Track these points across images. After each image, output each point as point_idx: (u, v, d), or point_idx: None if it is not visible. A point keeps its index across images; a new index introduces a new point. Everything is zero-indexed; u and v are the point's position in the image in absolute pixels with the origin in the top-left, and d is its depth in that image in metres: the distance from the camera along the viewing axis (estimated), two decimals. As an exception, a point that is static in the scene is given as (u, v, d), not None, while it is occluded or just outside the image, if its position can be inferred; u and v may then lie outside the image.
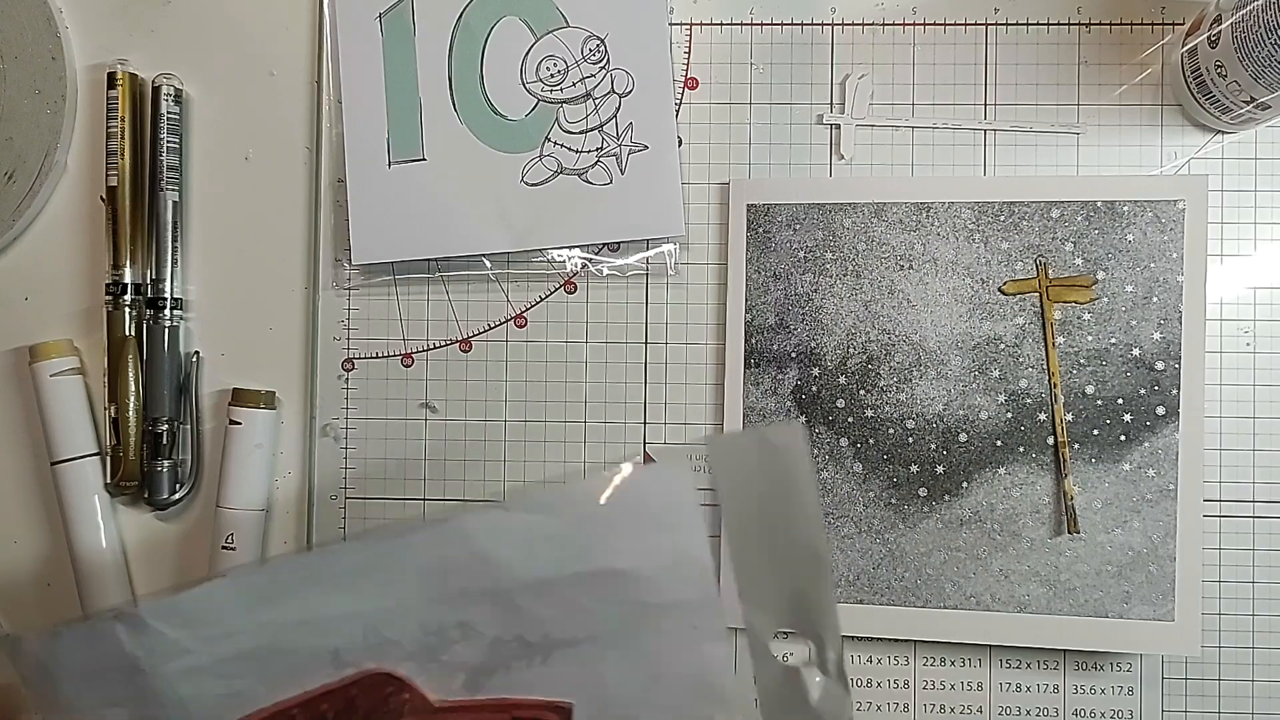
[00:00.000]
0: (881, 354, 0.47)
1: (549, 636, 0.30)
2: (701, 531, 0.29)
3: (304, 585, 0.30)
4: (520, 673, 0.31)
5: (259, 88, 0.50)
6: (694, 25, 0.49)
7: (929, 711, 0.47)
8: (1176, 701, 0.46)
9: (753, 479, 0.30)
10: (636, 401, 0.49)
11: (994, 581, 0.46)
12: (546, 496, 0.30)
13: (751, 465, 0.30)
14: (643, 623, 0.30)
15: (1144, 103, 0.47)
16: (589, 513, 0.29)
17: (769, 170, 0.48)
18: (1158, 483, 0.45)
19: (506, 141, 0.48)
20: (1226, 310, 0.46)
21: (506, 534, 0.29)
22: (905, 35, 0.48)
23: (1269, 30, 0.38)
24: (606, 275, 0.49)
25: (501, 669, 0.31)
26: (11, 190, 0.49)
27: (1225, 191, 0.46)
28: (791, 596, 0.31)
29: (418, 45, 0.48)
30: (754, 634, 0.31)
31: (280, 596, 0.30)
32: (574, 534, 0.29)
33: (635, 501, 0.29)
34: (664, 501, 0.29)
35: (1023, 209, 0.46)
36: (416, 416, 0.49)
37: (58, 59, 0.49)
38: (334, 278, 0.50)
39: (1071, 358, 0.46)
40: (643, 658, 0.30)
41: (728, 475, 0.31)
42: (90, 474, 0.49)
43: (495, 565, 0.30)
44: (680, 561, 0.29)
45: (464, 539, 0.30)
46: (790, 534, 0.30)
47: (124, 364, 0.48)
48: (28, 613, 0.51)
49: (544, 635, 0.30)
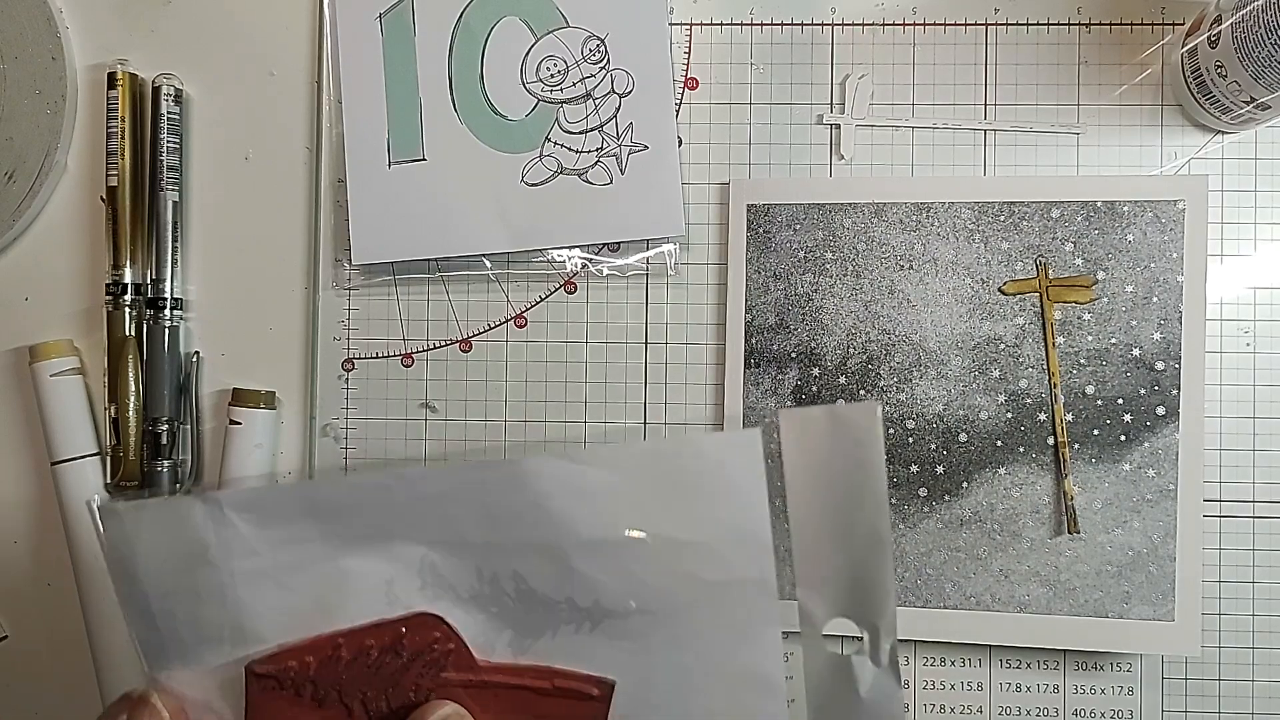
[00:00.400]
0: (881, 354, 0.47)
1: (599, 604, 0.29)
2: (764, 508, 0.28)
3: (377, 502, 0.30)
4: (566, 639, 0.30)
5: (259, 88, 0.50)
6: (694, 25, 0.49)
7: (929, 711, 0.47)
8: (1176, 701, 0.46)
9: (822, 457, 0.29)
10: (636, 401, 0.49)
11: (994, 581, 0.46)
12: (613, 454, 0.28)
13: (823, 443, 0.29)
14: (696, 599, 0.29)
15: (1144, 103, 0.47)
16: (654, 475, 0.28)
17: (769, 170, 0.48)
18: (1158, 483, 0.45)
19: (506, 141, 0.48)
20: (1226, 310, 0.46)
21: (569, 486, 0.29)
22: (905, 35, 0.48)
23: (1269, 30, 0.38)
24: (606, 275, 0.49)
25: (549, 632, 0.30)
26: (11, 190, 0.49)
27: (1225, 191, 0.46)
28: (851, 582, 0.29)
29: (418, 45, 0.48)
30: (807, 619, 0.30)
31: (352, 510, 0.30)
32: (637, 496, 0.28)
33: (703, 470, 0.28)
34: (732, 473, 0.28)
35: (1023, 209, 0.46)
36: (416, 416, 0.49)
37: (58, 59, 0.49)
38: (334, 278, 0.50)
39: (1071, 358, 0.46)
40: (693, 637, 0.29)
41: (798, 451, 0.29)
42: (90, 474, 0.49)
43: (555, 518, 0.29)
44: (742, 538, 0.28)
45: (529, 485, 0.29)
46: (855, 517, 0.29)
47: (124, 364, 0.48)
48: (28, 613, 0.51)
49: (595, 601, 0.29)
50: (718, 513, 0.29)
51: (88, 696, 0.50)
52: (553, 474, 0.29)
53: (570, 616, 0.30)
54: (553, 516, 0.29)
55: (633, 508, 0.29)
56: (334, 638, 0.30)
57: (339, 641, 0.30)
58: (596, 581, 0.29)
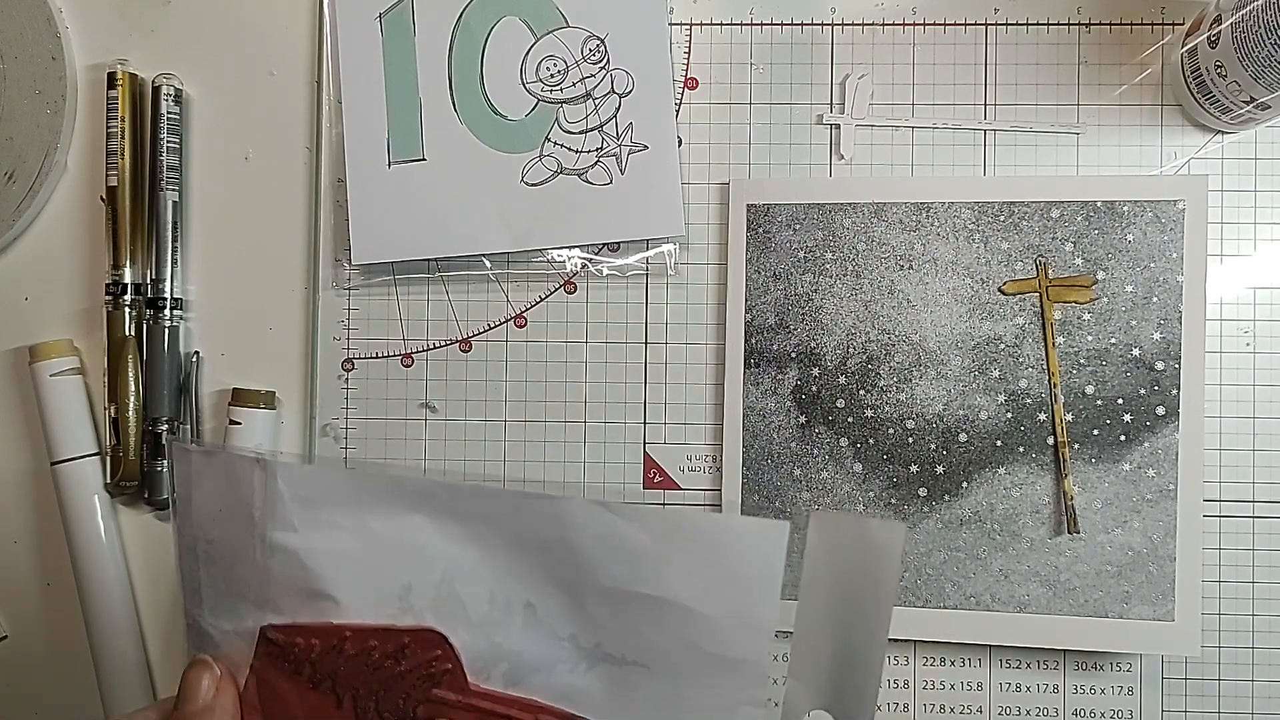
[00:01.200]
0: (881, 354, 0.47)
1: (600, 646, 0.31)
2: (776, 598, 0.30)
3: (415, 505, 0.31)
4: (560, 677, 0.31)
5: (259, 88, 0.50)
6: (694, 25, 0.49)
7: (929, 711, 0.47)
8: (1176, 701, 0.46)
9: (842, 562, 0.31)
10: (636, 401, 0.49)
11: (994, 581, 0.46)
12: (648, 514, 0.30)
13: (846, 549, 0.31)
14: (692, 666, 0.30)
15: (1144, 103, 0.47)
16: (682, 544, 0.30)
17: (769, 170, 0.48)
18: (1158, 483, 0.45)
19: (506, 141, 0.48)
20: (1226, 310, 0.46)
21: (600, 534, 0.30)
22: (905, 35, 0.48)
23: (1269, 30, 0.38)
24: (606, 275, 0.49)
25: (545, 669, 0.31)
26: (11, 190, 0.49)
27: (1225, 191, 0.46)
28: (840, 682, 0.31)
29: (418, 45, 0.48)
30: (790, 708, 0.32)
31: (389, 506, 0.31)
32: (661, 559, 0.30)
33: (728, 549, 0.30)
34: (754, 558, 0.30)
35: (1023, 209, 0.46)
36: (416, 416, 0.49)
37: (58, 59, 0.49)
38: (334, 278, 0.50)
39: (1071, 358, 0.46)
40: (680, 700, 0.31)
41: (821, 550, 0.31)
42: (90, 474, 0.49)
43: (580, 559, 0.30)
44: (749, 621, 0.30)
45: (563, 523, 0.30)
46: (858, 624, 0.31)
47: (124, 364, 0.48)
48: (28, 613, 0.51)
49: (596, 644, 0.31)
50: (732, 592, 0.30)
51: (88, 696, 0.50)
52: (587, 518, 0.30)
53: (570, 654, 0.31)
54: (578, 557, 0.30)
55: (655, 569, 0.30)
56: (342, 629, 0.31)
57: (346, 635, 0.31)
58: (604, 626, 0.31)
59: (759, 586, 0.29)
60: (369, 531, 0.31)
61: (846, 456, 0.46)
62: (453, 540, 0.31)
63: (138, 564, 0.50)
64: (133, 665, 0.49)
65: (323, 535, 0.31)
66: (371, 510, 0.31)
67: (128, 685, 0.49)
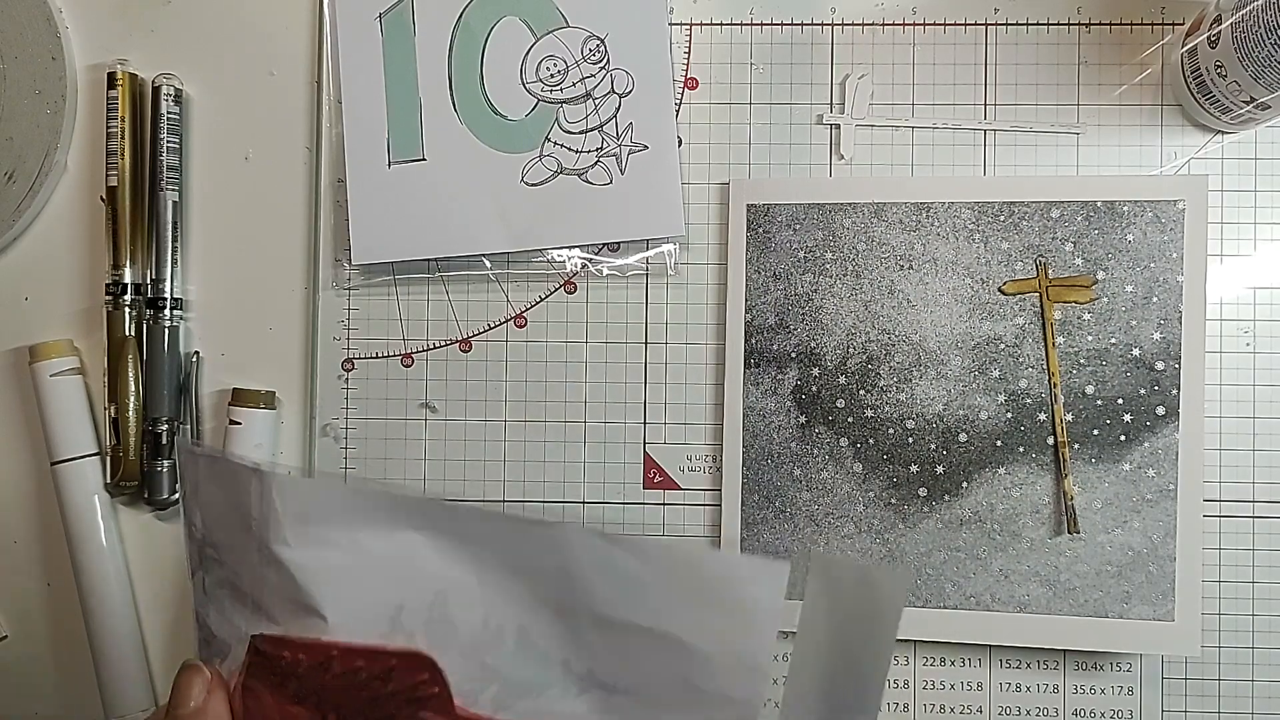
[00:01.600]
0: (881, 354, 0.47)
1: (593, 673, 0.30)
2: (772, 639, 0.29)
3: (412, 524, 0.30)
4: (550, 703, 0.31)
5: (259, 88, 0.50)
6: (694, 25, 0.49)
7: (929, 711, 0.47)
8: (1176, 701, 0.46)
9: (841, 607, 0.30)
10: (636, 401, 0.49)
11: (994, 581, 0.46)
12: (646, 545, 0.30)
13: (847, 594, 0.30)
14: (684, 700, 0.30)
15: (1144, 103, 0.47)
16: (680, 577, 0.29)
17: (769, 170, 0.48)
18: (1158, 483, 0.45)
19: (506, 141, 0.48)
20: (1226, 310, 0.46)
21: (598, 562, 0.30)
22: (905, 35, 0.48)
23: (1269, 30, 0.38)
24: (606, 275, 0.49)
25: (534, 693, 0.31)
26: (11, 190, 0.49)
27: (1225, 191, 0.46)
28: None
29: (418, 45, 0.48)
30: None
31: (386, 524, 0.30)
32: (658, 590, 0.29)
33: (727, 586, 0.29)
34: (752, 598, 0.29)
35: (1023, 209, 0.46)
36: (416, 416, 0.49)
37: (58, 59, 0.49)
38: (334, 278, 0.50)
39: (1071, 358, 0.46)
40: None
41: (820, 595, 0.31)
42: (90, 474, 0.49)
43: (576, 585, 0.30)
44: (743, 660, 0.29)
45: (561, 549, 0.30)
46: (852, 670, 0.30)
47: (124, 364, 0.48)
48: (28, 613, 0.51)
49: (589, 670, 0.30)
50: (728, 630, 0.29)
51: (88, 696, 0.50)
52: (585, 546, 0.30)
53: (560, 679, 0.31)
54: (575, 584, 0.30)
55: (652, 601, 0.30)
56: (330, 647, 0.30)
57: (333, 653, 0.30)
58: (597, 654, 0.30)
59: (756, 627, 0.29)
60: (363, 551, 0.30)
61: (846, 456, 0.46)
62: (449, 561, 0.30)
63: (138, 564, 0.50)
64: (133, 665, 0.49)
65: (316, 552, 0.30)
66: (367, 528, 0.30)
67: (128, 685, 0.49)
